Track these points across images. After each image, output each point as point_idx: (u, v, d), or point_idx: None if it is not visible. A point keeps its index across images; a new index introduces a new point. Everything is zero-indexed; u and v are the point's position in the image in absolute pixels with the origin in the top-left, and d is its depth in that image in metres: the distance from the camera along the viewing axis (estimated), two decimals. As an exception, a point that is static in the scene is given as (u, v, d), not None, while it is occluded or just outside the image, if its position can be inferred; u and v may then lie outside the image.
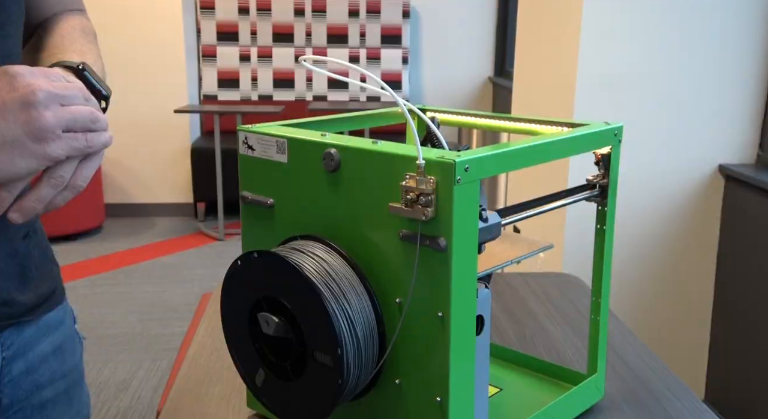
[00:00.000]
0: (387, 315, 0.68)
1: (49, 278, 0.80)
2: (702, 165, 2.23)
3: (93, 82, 0.68)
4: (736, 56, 2.17)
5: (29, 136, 0.59)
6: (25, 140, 0.59)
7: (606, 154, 0.83)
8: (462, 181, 0.61)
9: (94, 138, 0.63)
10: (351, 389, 0.69)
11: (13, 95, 0.59)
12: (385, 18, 5.09)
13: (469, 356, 0.66)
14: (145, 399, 2.50)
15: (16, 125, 0.58)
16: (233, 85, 5.08)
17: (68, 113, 0.61)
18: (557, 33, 2.30)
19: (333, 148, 0.70)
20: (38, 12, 0.82)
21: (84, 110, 0.62)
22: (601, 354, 0.87)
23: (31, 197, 0.62)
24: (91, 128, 0.63)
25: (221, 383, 0.93)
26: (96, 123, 0.64)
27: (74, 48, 0.76)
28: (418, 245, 0.64)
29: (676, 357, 2.41)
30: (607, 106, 2.16)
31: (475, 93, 5.38)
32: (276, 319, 0.69)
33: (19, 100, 0.58)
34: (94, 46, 0.79)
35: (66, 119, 0.61)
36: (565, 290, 1.27)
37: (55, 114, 0.60)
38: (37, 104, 0.59)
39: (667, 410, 0.87)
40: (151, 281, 3.65)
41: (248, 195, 0.80)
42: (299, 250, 0.70)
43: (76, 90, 0.63)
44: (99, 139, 0.64)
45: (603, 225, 0.84)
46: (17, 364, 0.75)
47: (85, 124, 0.62)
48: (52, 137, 0.59)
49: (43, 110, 0.59)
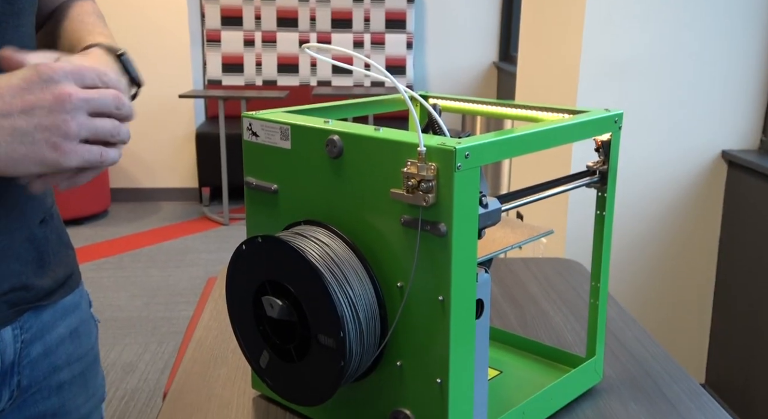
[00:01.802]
0: (388, 299, 0.70)
1: (65, 262, 0.81)
2: (705, 151, 2.24)
3: (129, 69, 0.69)
4: (739, 43, 2.17)
5: (48, 142, 0.59)
6: (41, 144, 0.59)
7: (606, 141, 0.84)
8: (462, 167, 0.63)
9: (108, 153, 0.64)
10: (353, 371, 0.70)
11: (43, 98, 0.59)
12: (389, 3, 5.07)
13: (468, 339, 0.68)
14: (152, 381, 2.53)
15: (38, 129, 0.59)
16: (237, 70, 5.08)
17: (92, 124, 0.62)
18: (561, 19, 2.29)
19: (336, 135, 0.71)
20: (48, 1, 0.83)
21: (107, 124, 0.63)
22: (599, 337, 0.88)
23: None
24: (109, 141, 0.64)
25: (226, 365, 0.95)
26: (115, 137, 0.64)
27: (97, 31, 0.76)
28: (419, 230, 0.65)
29: (677, 342, 2.43)
30: (610, 92, 2.16)
31: (480, 78, 5.37)
32: (280, 302, 0.70)
33: (49, 104, 0.59)
34: (107, 29, 0.80)
35: (88, 130, 0.61)
36: (567, 275, 1.28)
37: (79, 124, 0.60)
38: (64, 112, 0.59)
39: (664, 393, 0.89)
40: (156, 265, 3.68)
41: (252, 181, 0.81)
42: (303, 235, 0.72)
43: (110, 97, 0.63)
44: (111, 155, 0.64)
45: (603, 211, 0.85)
46: (35, 347, 0.77)
47: (105, 137, 0.63)
48: (69, 147, 0.60)
49: (68, 119, 0.59)
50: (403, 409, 0.71)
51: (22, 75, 0.60)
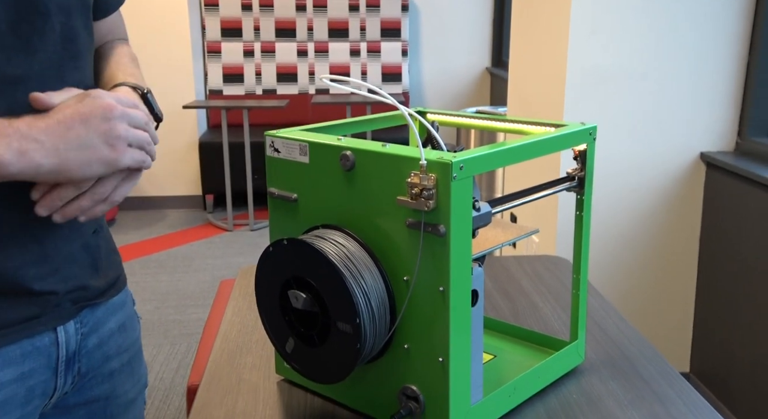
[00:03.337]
0: (396, 291, 0.81)
1: (114, 266, 0.93)
2: (684, 153, 2.35)
3: (153, 106, 0.82)
4: (715, 50, 2.28)
5: (106, 144, 0.72)
6: (102, 146, 0.72)
7: (582, 150, 0.95)
8: (458, 177, 0.74)
9: (148, 158, 0.78)
10: (367, 353, 0.81)
11: (95, 110, 0.72)
12: (384, 12, 5.19)
13: (466, 323, 0.79)
14: (167, 380, 2.65)
15: (96, 134, 0.72)
16: (238, 80, 5.20)
17: (134, 132, 0.75)
18: (548, 30, 2.41)
19: (348, 150, 0.82)
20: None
21: (143, 134, 0.76)
22: (581, 323, 1.00)
23: (74, 206, 0.75)
24: (146, 148, 0.77)
25: (251, 354, 1.06)
26: (150, 146, 0.78)
27: (128, 72, 0.89)
28: (422, 231, 0.76)
29: (663, 334, 2.54)
30: (594, 98, 2.28)
31: (473, 83, 5.49)
32: (304, 295, 0.81)
33: (101, 114, 0.72)
34: (138, 70, 0.92)
35: (132, 136, 0.74)
36: (555, 271, 1.40)
37: (126, 129, 0.73)
38: (113, 119, 0.72)
39: (639, 372, 1.00)
40: (164, 271, 3.79)
41: (275, 191, 0.92)
42: (322, 237, 0.83)
43: (142, 115, 0.77)
44: (149, 159, 0.78)
45: (581, 212, 0.97)
46: (91, 339, 0.89)
47: (143, 144, 0.76)
48: (123, 147, 0.73)
49: (118, 123, 0.72)
50: (410, 385, 0.82)
51: (73, 95, 0.73)
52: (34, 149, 0.69)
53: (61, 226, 0.81)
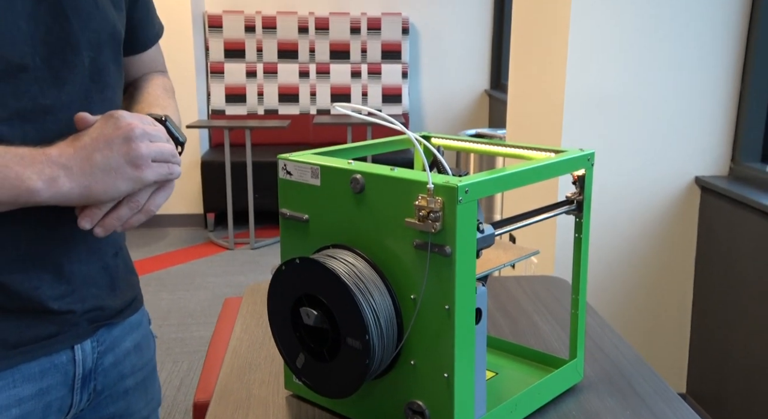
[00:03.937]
0: (404, 308, 0.84)
1: (131, 287, 0.97)
2: (680, 177, 2.39)
3: (172, 130, 0.86)
4: (709, 76, 2.32)
5: (129, 164, 0.76)
6: (125, 166, 0.76)
7: (581, 175, 0.99)
8: (463, 201, 0.77)
9: (174, 168, 0.81)
10: (375, 368, 0.84)
11: (117, 132, 0.76)
12: (385, 35, 5.27)
13: (470, 340, 0.82)
14: (170, 398, 2.66)
15: (120, 155, 0.75)
16: (240, 100, 5.25)
17: (156, 147, 0.78)
18: (546, 56, 2.46)
19: (359, 174, 0.86)
20: (130, 74, 1.00)
21: (166, 146, 0.80)
22: (580, 341, 1.03)
23: (113, 216, 0.78)
24: (171, 160, 0.81)
25: (260, 370, 1.09)
26: (174, 157, 0.81)
27: (158, 103, 0.93)
28: (429, 252, 0.80)
29: (659, 354, 2.56)
30: (592, 124, 2.32)
31: (472, 105, 5.55)
32: (315, 312, 0.84)
33: (122, 136, 0.75)
34: (173, 101, 0.97)
35: (155, 151, 0.78)
36: (554, 291, 1.43)
37: (148, 147, 0.77)
38: (134, 139, 0.76)
39: (636, 390, 1.03)
40: (166, 288, 3.81)
41: (287, 212, 0.96)
42: (332, 256, 0.86)
43: (162, 131, 0.80)
44: (176, 169, 0.81)
45: (580, 234, 1.01)
46: (107, 357, 0.92)
47: (167, 157, 0.80)
48: (146, 164, 0.77)
49: (139, 143, 0.76)
50: (416, 400, 0.84)
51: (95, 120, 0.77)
52: (63, 175, 0.72)
53: (81, 248, 0.85)
